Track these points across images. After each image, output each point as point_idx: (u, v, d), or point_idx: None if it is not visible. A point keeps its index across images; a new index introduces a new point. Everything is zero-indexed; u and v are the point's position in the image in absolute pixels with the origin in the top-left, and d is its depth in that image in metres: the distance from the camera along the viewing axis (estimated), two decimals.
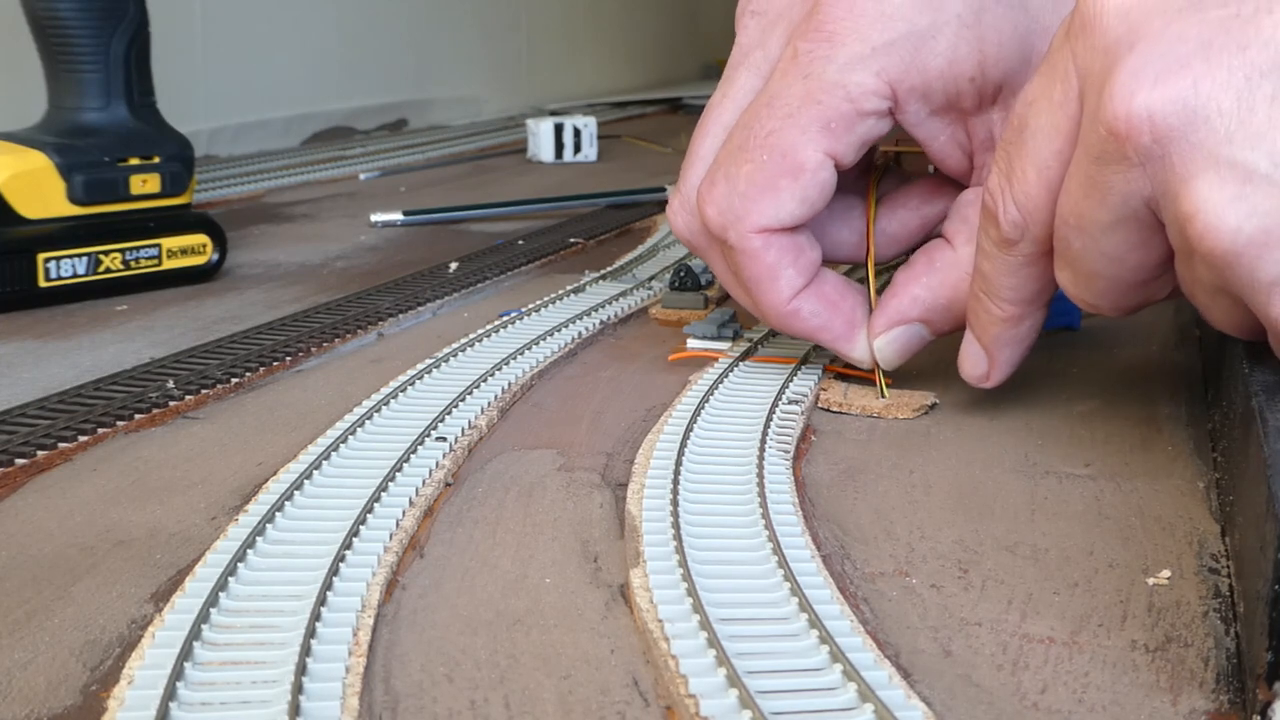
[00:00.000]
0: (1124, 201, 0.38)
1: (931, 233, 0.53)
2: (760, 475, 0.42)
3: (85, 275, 0.68)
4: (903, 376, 0.52)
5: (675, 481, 0.41)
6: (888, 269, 0.69)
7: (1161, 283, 0.41)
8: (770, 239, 0.48)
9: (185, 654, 0.30)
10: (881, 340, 0.50)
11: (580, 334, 0.61)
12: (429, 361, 0.54)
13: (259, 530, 0.37)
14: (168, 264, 0.71)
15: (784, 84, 0.48)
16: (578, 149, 1.25)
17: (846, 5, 0.47)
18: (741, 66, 0.51)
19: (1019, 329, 0.46)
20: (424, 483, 0.42)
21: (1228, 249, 0.35)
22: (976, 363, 0.48)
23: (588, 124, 1.26)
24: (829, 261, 0.52)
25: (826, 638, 0.31)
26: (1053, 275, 0.44)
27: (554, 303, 0.65)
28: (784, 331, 0.51)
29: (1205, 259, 0.36)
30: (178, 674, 0.29)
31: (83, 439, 0.47)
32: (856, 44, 0.47)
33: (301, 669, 0.30)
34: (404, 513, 0.39)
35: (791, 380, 0.52)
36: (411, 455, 0.44)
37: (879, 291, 0.51)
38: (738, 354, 0.55)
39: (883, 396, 0.51)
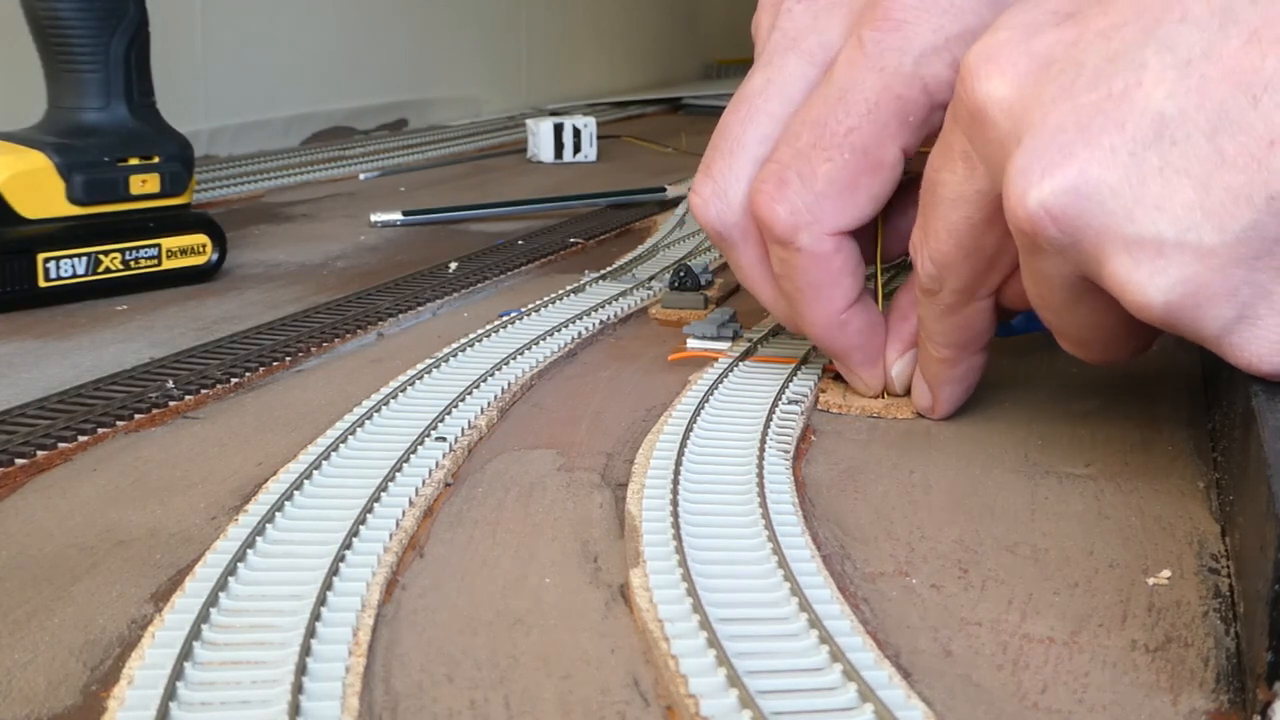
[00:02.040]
0: (1066, 283, 0.39)
1: None
2: (760, 475, 0.42)
3: (85, 275, 0.68)
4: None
5: (675, 481, 0.41)
6: (891, 268, 0.69)
7: None
8: (842, 242, 0.47)
9: (185, 654, 0.30)
10: (899, 365, 0.50)
11: (580, 334, 0.61)
12: (429, 361, 0.54)
13: (259, 530, 0.37)
14: (168, 264, 0.71)
15: (855, 75, 0.46)
16: (578, 149, 1.25)
17: None
18: (790, 52, 0.49)
19: (955, 370, 0.48)
20: (424, 483, 0.42)
21: (1163, 317, 0.36)
22: (923, 395, 0.49)
23: (588, 124, 1.26)
24: None
25: (826, 638, 0.31)
26: (980, 325, 0.46)
27: (554, 303, 0.65)
28: (821, 342, 0.50)
29: (1150, 323, 0.37)
30: (178, 674, 0.29)
31: (83, 439, 0.47)
32: (930, 34, 0.46)
33: (301, 669, 0.30)
34: (404, 513, 0.39)
35: (791, 380, 0.52)
36: (411, 455, 0.44)
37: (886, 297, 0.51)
38: (738, 354, 0.55)
39: (882, 396, 0.51)
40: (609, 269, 0.74)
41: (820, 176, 0.46)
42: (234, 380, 0.54)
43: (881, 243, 0.51)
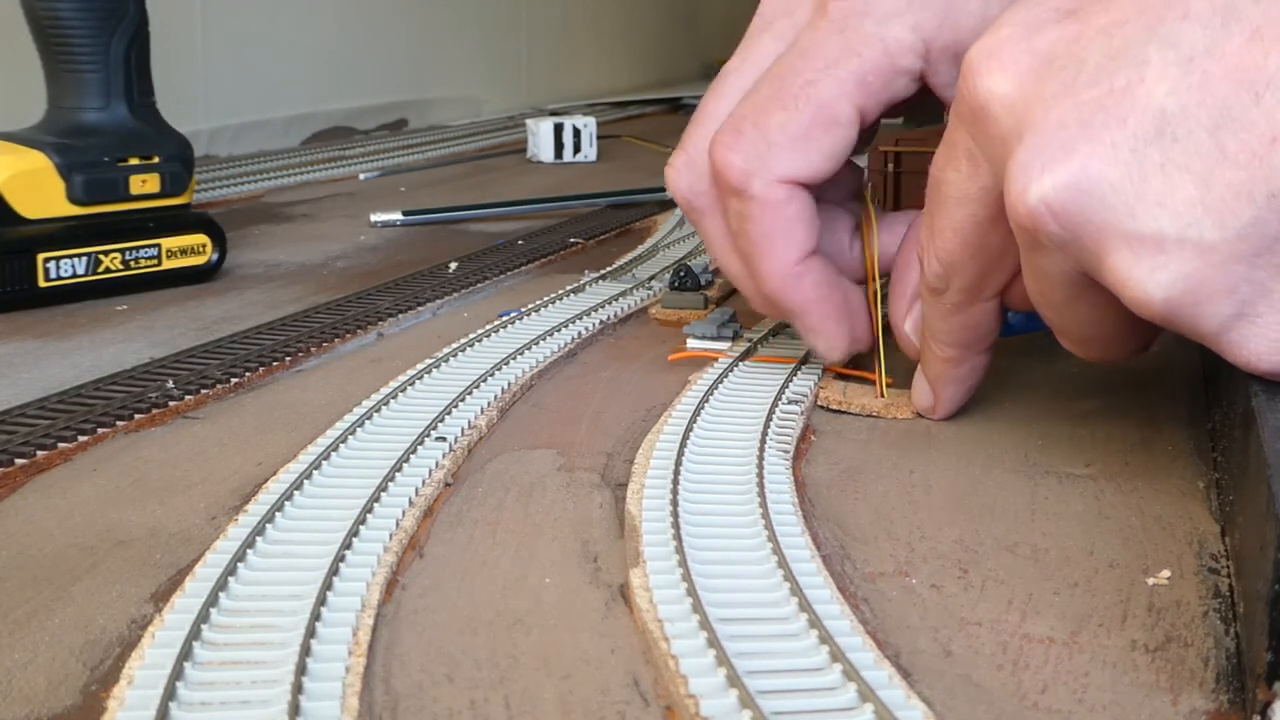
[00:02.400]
0: (1066, 280, 0.39)
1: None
2: (760, 475, 0.42)
3: (85, 275, 0.68)
4: (903, 376, 0.52)
5: (675, 481, 0.41)
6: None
7: None
8: (794, 191, 0.48)
9: (185, 654, 0.30)
10: (910, 321, 0.50)
11: (580, 334, 0.61)
12: (429, 361, 0.54)
13: (259, 530, 0.37)
14: (167, 264, 0.71)
15: (817, 37, 0.48)
16: (578, 149, 1.25)
17: None
18: (765, 33, 0.51)
19: (959, 370, 0.48)
20: (424, 483, 0.42)
21: (1163, 313, 0.36)
22: (923, 395, 0.49)
23: (588, 124, 1.26)
24: None
25: (826, 638, 0.31)
26: (986, 326, 0.46)
27: (554, 303, 0.65)
28: (778, 302, 0.50)
29: (1149, 319, 0.37)
30: (178, 674, 0.29)
31: (83, 439, 0.47)
32: (892, 2, 0.47)
33: (301, 669, 0.30)
34: (404, 513, 0.39)
35: (791, 380, 0.52)
36: (411, 455, 0.44)
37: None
38: (738, 354, 0.55)
39: (882, 396, 0.51)
40: (609, 269, 0.74)
41: (774, 125, 0.48)
42: (234, 380, 0.54)
43: (875, 253, 0.52)
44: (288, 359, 0.57)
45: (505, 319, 0.62)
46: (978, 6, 0.47)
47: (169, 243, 0.71)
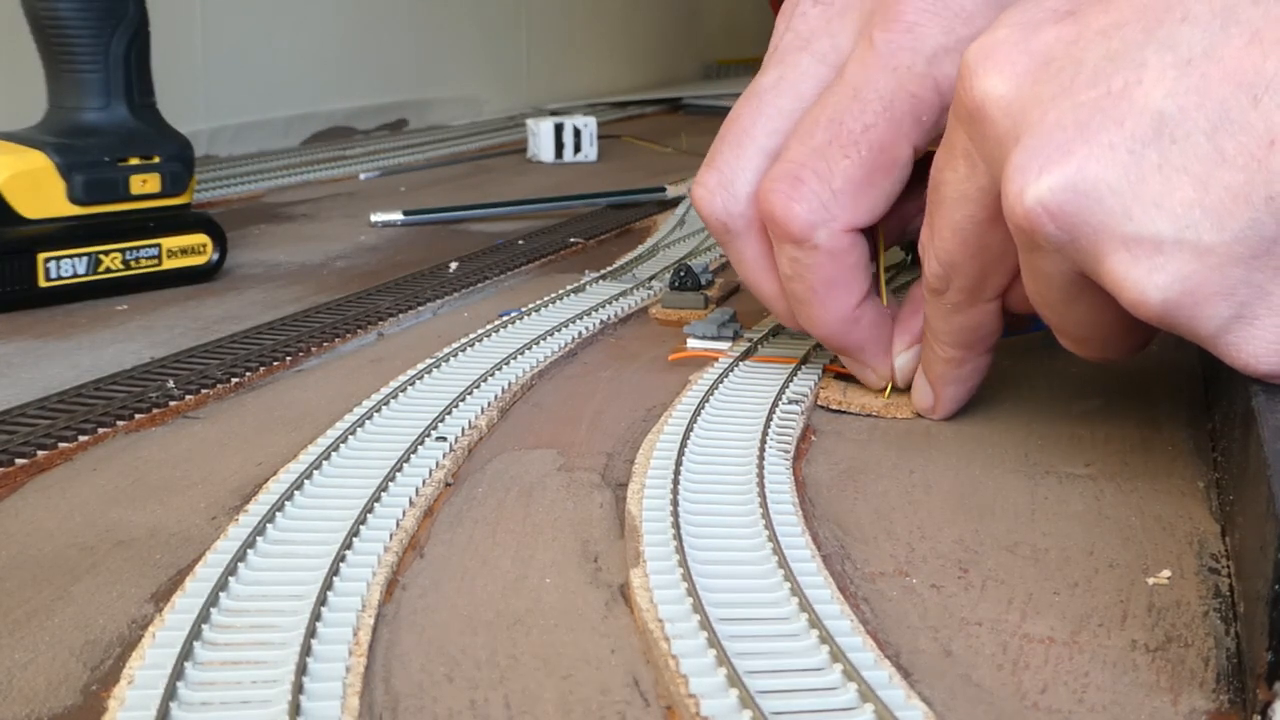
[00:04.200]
0: (1065, 281, 0.39)
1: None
2: (760, 475, 0.42)
3: (85, 275, 0.68)
4: None
5: (675, 481, 0.41)
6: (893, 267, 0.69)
7: None
8: (856, 239, 0.48)
9: (185, 654, 0.30)
10: (904, 357, 0.50)
11: (580, 334, 0.61)
12: (429, 361, 0.54)
13: (259, 530, 0.37)
14: (168, 264, 0.71)
15: (868, 75, 0.47)
16: (578, 149, 1.25)
17: None
18: (803, 52, 0.50)
19: (961, 370, 0.48)
20: (424, 483, 0.42)
21: (1160, 314, 0.36)
22: (923, 395, 0.49)
23: (588, 124, 1.26)
24: None
25: (826, 638, 0.31)
26: (987, 327, 0.46)
27: (554, 303, 0.65)
28: (832, 340, 0.50)
29: (1147, 321, 0.37)
30: (178, 674, 0.29)
31: (83, 439, 0.47)
32: (940, 35, 0.46)
33: (302, 669, 0.30)
34: (404, 513, 0.39)
35: (791, 380, 0.52)
36: (411, 455, 0.44)
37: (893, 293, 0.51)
38: (738, 354, 0.55)
39: (884, 396, 0.51)
40: (609, 269, 0.74)
41: (838, 174, 0.47)
42: (234, 380, 0.54)
43: (883, 239, 0.52)
44: (288, 359, 0.57)
45: (505, 319, 0.62)
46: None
47: (169, 243, 0.71)
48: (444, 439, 0.45)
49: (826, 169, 0.47)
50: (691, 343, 0.57)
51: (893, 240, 0.53)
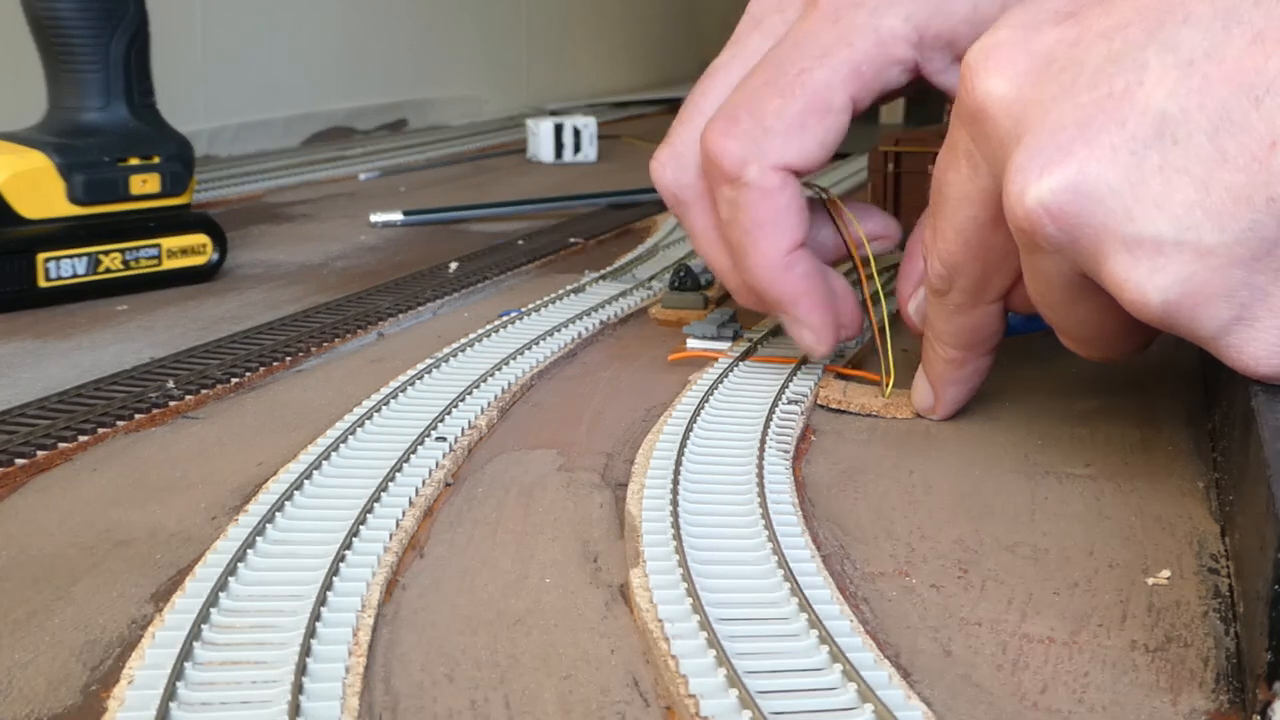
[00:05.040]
0: (1066, 281, 0.39)
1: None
2: (760, 475, 0.42)
3: (85, 275, 0.68)
4: (903, 376, 0.52)
5: (675, 481, 0.41)
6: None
7: None
8: (787, 179, 0.49)
9: (185, 654, 0.30)
10: (914, 303, 0.50)
11: (580, 334, 0.61)
12: (429, 361, 0.54)
13: (259, 530, 0.37)
14: (168, 264, 0.71)
15: (810, 28, 0.48)
16: (578, 149, 1.25)
17: None
18: (755, 30, 0.52)
19: (962, 371, 0.48)
20: (424, 483, 0.42)
21: (1161, 316, 0.36)
22: (924, 396, 0.49)
23: (588, 124, 1.26)
24: None
25: (826, 638, 0.31)
26: (990, 328, 0.46)
27: (554, 303, 0.65)
28: (766, 293, 0.50)
29: (1147, 322, 0.37)
30: (178, 674, 0.29)
31: (83, 439, 0.47)
32: None
33: (302, 669, 0.30)
34: (404, 513, 0.39)
35: (791, 380, 0.52)
36: (411, 455, 0.44)
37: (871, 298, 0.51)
38: (738, 354, 0.55)
39: (885, 395, 0.51)
40: (609, 269, 0.74)
41: (769, 112, 0.48)
42: (234, 380, 0.54)
43: (848, 237, 0.52)
44: (288, 359, 0.57)
45: (505, 319, 0.62)
46: (978, 4, 0.47)
47: (169, 243, 0.71)
48: (444, 439, 0.45)
49: (759, 108, 0.48)
50: (691, 343, 0.57)
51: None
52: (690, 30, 2.14)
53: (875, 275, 0.52)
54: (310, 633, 0.31)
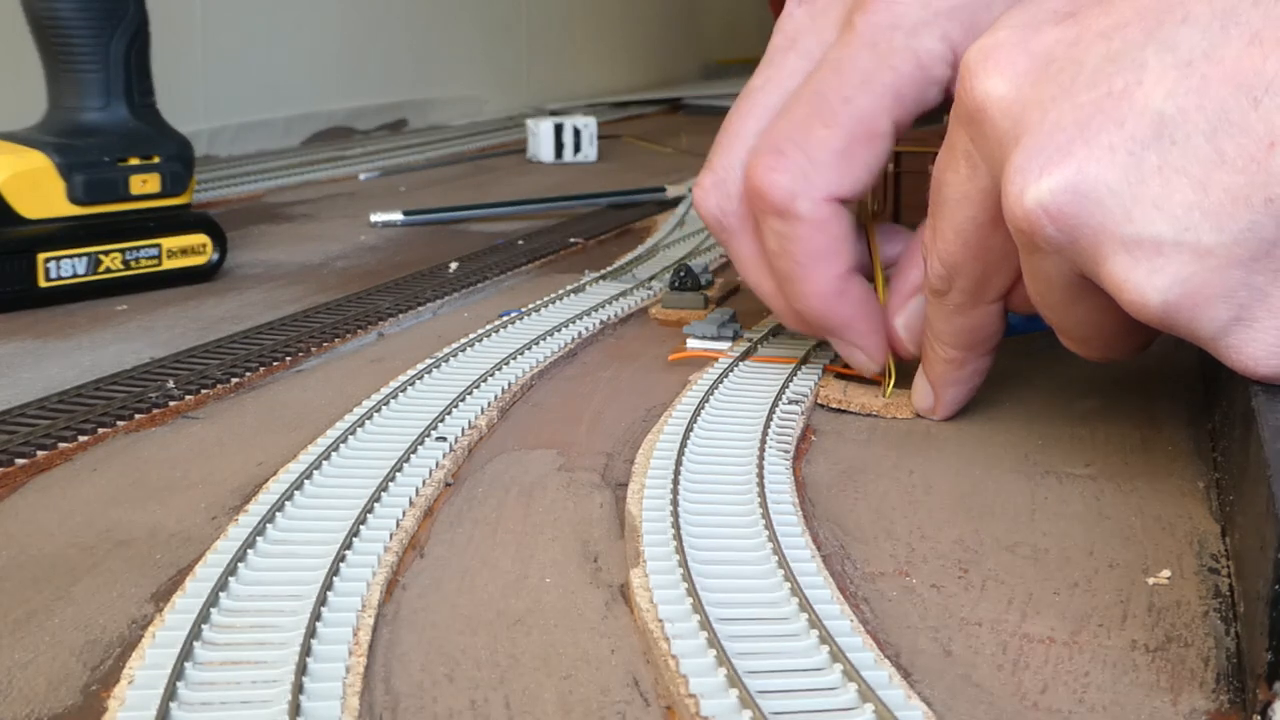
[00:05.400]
0: (1065, 282, 0.39)
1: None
2: (760, 475, 0.42)
3: (85, 275, 0.68)
4: (903, 376, 0.52)
5: (675, 481, 0.41)
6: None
7: None
8: (839, 210, 0.48)
9: (186, 654, 0.30)
10: (901, 317, 0.50)
11: (580, 334, 0.61)
12: (429, 361, 0.54)
13: (259, 530, 0.37)
14: (168, 264, 0.71)
15: (849, 53, 0.48)
16: (578, 149, 1.25)
17: None
18: (790, 51, 0.51)
19: (962, 371, 0.48)
20: (424, 483, 0.42)
21: (1160, 316, 0.36)
22: (924, 396, 0.49)
23: (588, 124, 1.26)
24: None
25: (826, 638, 0.31)
26: (989, 328, 0.46)
27: (554, 303, 0.65)
28: (820, 320, 0.50)
29: (1147, 323, 0.37)
30: (178, 674, 0.29)
31: (83, 439, 0.47)
32: (919, 10, 0.47)
33: (302, 669, 0.30)
34: (404, 513, 0.39)
35: (791, 380, 0.52)
36: (411, 455, 0.44)
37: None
38: (738, 354, 0.55)
39: (883, 395, 0.51)
40: (609, 269, 0.74)
41: (816, 144, 0.48)
42: (234, 380, 0.54)
43: (877, 259, 0.52)
44: (288, 359, 0.57)
45: (505, 319, 0.62)
46: (1001, 12, 0.47)
47: (169, 243, 0.71)
48: (444, 439, 0.45)
49: (806, 139, 0.48)
50: (691, 343, 0.57)
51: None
52: (690, 30, 2.14)
53: (879, 274, 0.52)
54: (310, 633, 0.31)
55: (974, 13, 0.47)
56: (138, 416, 0.49)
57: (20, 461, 0.44)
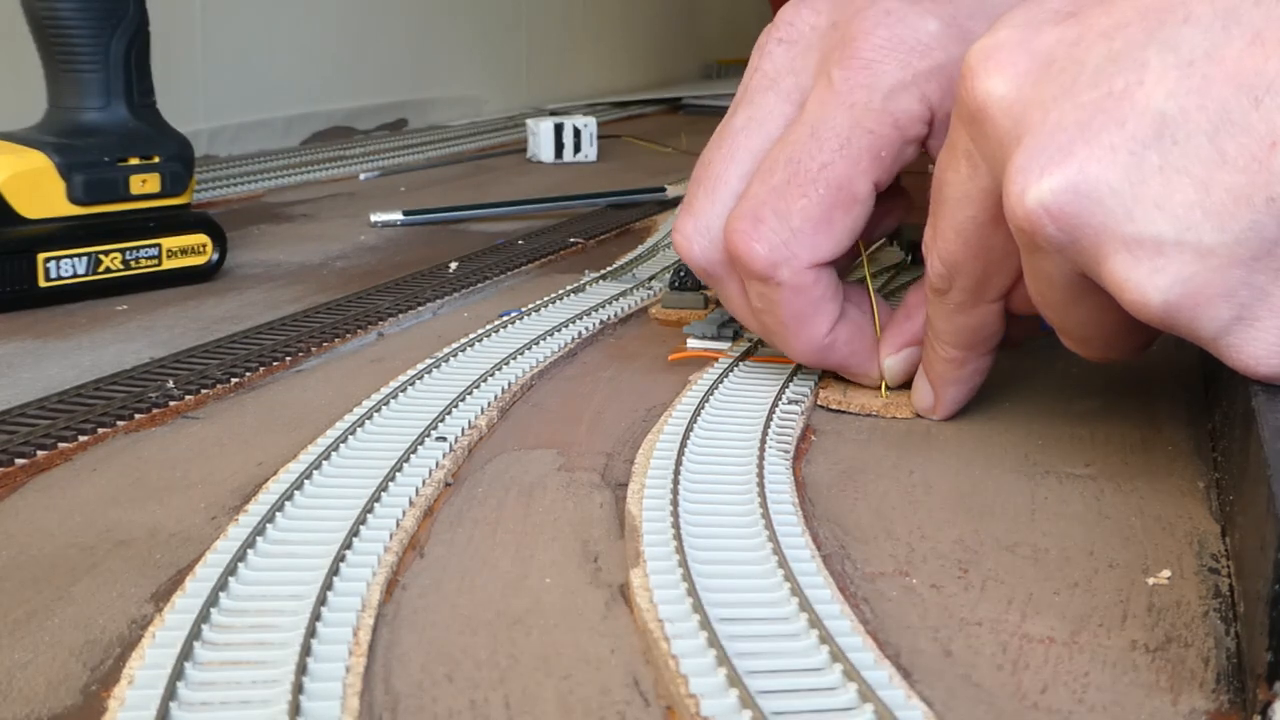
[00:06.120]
0: (1066, 282, 0.39)
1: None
2: (760, 475, 0.42)
3: (85, 275, 0.68)
4: None
5: (675, 481, 0.41)
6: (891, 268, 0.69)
7: None
8: (820, 274, 0.48)
9: (185, 654, 0.30)
10: (891, 360, 0.50)
11: (580, 334, 0.61)
12: (429, 361, 0.54)
13: (259, 530, 0.37)
14: (168, 264, 0.71)
15: (826, 113, 0.47)
16: (578, 149, 1.24)
17: (885, 35, 0.47)
18: (770, 91, 0.50)
19: (962, 371, 0.48)
20: (424, 483, 0.42)
21: (1161, 316, 0.36)
22: (924, 396, 0.49)
23: (588, 124, 1.26)
24: None
25: (826, 638, 0.31)
26: (990, 328, 0.46)
27: (554, 303, 0.65)
28: (813, 366, 0.51)
29: (1148, 322, 0.37)
30: (178, 674, 0.29)
31: (83, 439, 0.47)
32: (898, 71, 0.47)
33: (302, 669, 0.30)
34: (404, 513, 0.39)
35: (791, 380, 0.52)
36: (411, 455, 0.44)
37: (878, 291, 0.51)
38: (738, 354, 0.55)
39: (882, 396, 0.51)
40: (609, 269, 0.74)
41: (795, 213, 0.47)
42: (234, 380, 0.54)
43: (878, 320, 0.51)
44: (288, 359, 0.57)
45: (505, 319, 0.62)
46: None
47: (169, 243, 0.71)
48: (444, 439, 0.45)
49: (785, 208, 0.47)
50: (691, 343, 0.57)
51: (867, 238, 0.52)
52: (690, 30, 2.14)
53: (869, 276, 0.52)
54: (310, 633, 0.31)
55: (951, 75, 0.47)
56: (138, 416, 0.49)
57: (20, 461, 0.44)
